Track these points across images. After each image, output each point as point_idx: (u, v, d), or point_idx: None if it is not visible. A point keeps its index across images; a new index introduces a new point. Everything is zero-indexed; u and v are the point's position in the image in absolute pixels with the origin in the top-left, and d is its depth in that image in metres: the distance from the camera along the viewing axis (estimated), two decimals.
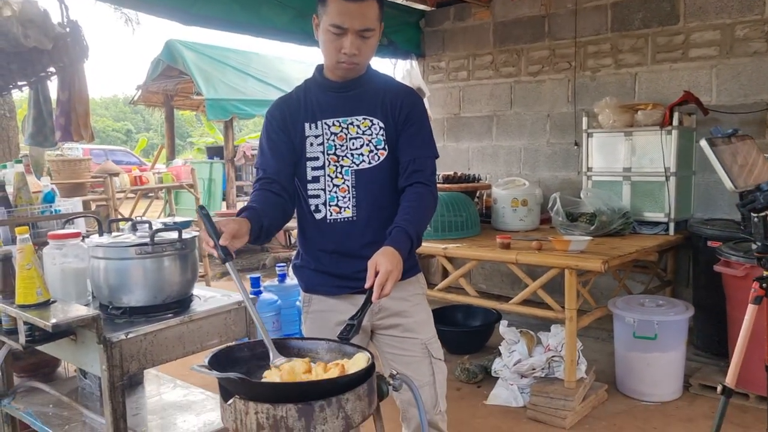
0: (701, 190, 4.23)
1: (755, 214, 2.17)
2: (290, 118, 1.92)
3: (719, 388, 2.26)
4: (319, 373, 1.40)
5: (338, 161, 1.89)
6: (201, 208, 1.69)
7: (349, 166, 1.89)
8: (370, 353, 1.43)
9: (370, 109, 1.91)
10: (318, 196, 1.91)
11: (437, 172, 2.33)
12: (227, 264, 1.55)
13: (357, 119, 1.90)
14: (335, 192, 1.90)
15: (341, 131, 1.90)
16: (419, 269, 2.06)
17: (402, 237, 1.73)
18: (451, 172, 4.76)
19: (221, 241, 1.55)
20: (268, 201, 1.83)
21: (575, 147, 4.75)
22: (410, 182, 1.87)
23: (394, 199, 1.90)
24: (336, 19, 1.75)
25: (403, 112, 1.91)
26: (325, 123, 1.90)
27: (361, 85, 1.92)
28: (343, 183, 1.89)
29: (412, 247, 1.77)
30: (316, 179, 1.91)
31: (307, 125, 1.90)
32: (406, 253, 1.72)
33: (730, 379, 2.25)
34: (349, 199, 1.89)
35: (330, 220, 1.90)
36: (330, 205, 1.90)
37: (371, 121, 1.90)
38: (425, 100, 5.33)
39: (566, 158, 4.88)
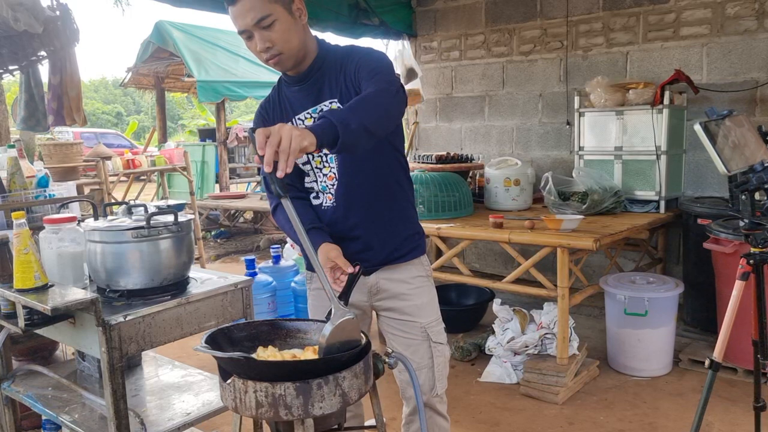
0: (691, 168, 4.25)
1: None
2: (271, 121, 1.91)
3: (707, 362, 2.30)
4: (309, 356, 1.44)
5: (320, 151, 1.88)
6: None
7: (331, 153, 1.89)
8: (364, 333, 1.46)
9: (332, 91, 1.85)
10: (312, 189, 1.96)
11: (431, 153, 2.33)
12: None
13: (325, 105, 1.86)
14: (325, 182, 1.93)
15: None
16: (422, 251, 2.03)
17: (321, 121, 1.53)
18: (444, 153, 4.77)
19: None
20: (306, 208, 1.92)
21: (567, 126, 4.77)
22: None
23: (374, 177, 1.90)
24: (235, 27, 1.78)
25: (358, 71, 1.81)
26: (298, 119, 1.89)
27: (316, 71, 1.87)
28: (330, 171, 1.91)
29: (338, 134, 1.50)
30: (306, 174, 1.95)
31: None
32: (321, 132, 1.48)
33: (717, 354, 2.29)
34: (335, 186, 1.91)
35: (324, 207, 1.94)
36: (324, 194, 1.94)
37: (339, 104, 1.84)
38: (418, 80, 5.33)
39: (558, 138, 4.89)
